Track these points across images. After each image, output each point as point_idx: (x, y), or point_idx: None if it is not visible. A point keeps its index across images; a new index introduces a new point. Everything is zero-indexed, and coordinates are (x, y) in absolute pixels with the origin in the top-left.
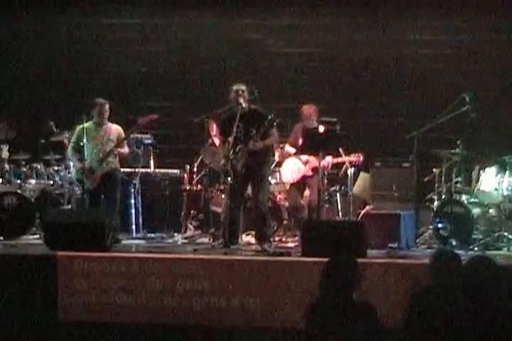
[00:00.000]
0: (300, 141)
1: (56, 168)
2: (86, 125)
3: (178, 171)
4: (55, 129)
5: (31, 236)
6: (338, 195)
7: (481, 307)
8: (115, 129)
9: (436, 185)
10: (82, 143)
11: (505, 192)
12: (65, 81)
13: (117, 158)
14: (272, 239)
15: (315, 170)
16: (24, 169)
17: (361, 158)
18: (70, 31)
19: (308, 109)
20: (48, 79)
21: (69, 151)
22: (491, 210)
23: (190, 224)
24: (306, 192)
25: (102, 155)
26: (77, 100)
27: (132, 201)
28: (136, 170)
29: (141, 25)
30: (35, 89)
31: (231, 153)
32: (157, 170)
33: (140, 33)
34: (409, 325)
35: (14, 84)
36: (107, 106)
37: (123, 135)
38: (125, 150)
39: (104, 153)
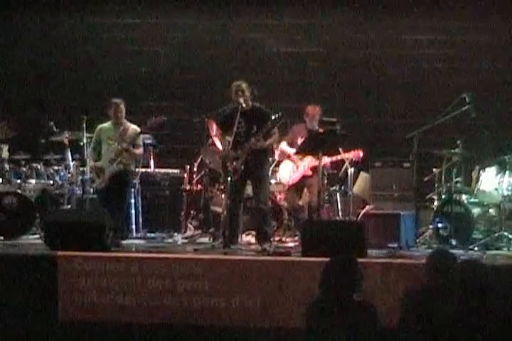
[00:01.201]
0: (299, 141)
1: (56, 167)
2: (104, 125)
3: (178, 171)
4: (55, 129)
5: (31, 236)
6: (338, 194)
7: (471, 310)
8: (132, 129)
9: (436, 185)
10: (100, 143)
11: (505, 192)
12: (65, 81)
13: (131, 158)
14: (272, 239)
15: (314, 170)
16: (24, 169)
17: (361, 154)
18: (70, 31)
19: (314, 110)
20: (48, 79)
21: (89, 151)
22: (491, 210)
23: (190, 224)
24: (306, 193)
25: (114, 155)
26: (77, 100)
27: (132, 201)
28: (136, 170)
29: (141, 25)
30: (35, 89)
31: (231, 150)
32: (157, 170)
33: (140, 33)
34: (404, 325)
35: (14, 84)
36: (122, 106)
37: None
38: (138, 150)
39: (117, 153)
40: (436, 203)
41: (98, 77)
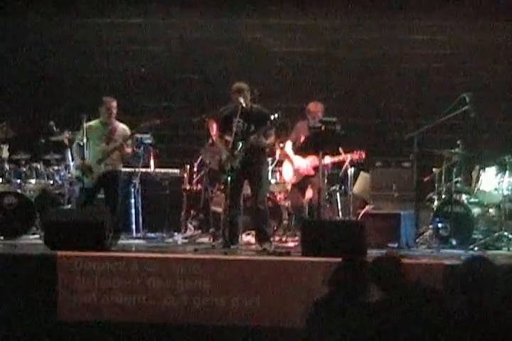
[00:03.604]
0: (302, 139)
1: (56, 167)
2: (93, 123)
3: (178, 171)
4: (55, 129)
5: (31, 236)
6: (338, 194)
7: (479, 307)
8: (121, 129)
9: (436, 185)
10: (87, 141)
11: (505, 192)
12: (65, 81)
13: (120, 158)
14: (272, 239)
15: (316, 169)
16: (24, 169)
17: (363, 155)
18: (70, 31)
19: (315, 107)
20: (48, 79)
21: (73, 148)
22: (491, 210)
23: (190, 224)
24: (309, 192)
25: (102, 155)
26: (77, 100)
27: (132, 201)
28: (136, 170)
29: (141, 25)
30: (35, 89)
31: (230, 149)
32: (157, 170)
33: (140, 33)
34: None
35: (14, 84)
36: (114, 104)
37: (128, 135)
38: (127, 150)
39: (105, 153)
40: (436, 203)
41: (98, 77)
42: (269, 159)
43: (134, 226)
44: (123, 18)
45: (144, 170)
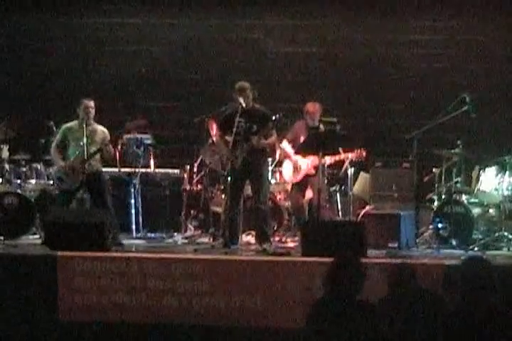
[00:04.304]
0: (301, 139)
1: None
2: (71, 124)
3: (178, 171)
4: (55, 129)
5: (31, 236)
6: (338, 194)
7: (476, 307)
8: (101, 131)
9: (436, 185)
10: (66, 143)
11: (505, 192)
12: (65, 81)
13: (100, 159)
14: (272, 239)
15: (317, 169)
16: (24, 169)
17: (364, 154)
18: (70, 31)
19: (314, 107)
20: (48, 79)
21: (52, 150)
22: (491, 210)
23: (190, 224)
24: (309, 192)
25: (86, 157)
26: (76, 100)
27: (132, 201)
28: (136, 170)
29: (141, 25)
30: (34, 89)
31: (231, 148)
32: (157, 170)
33: (140, 33)
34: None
35: (14, 84)
36: (91, 104)
37: (108, 137)
38: (111, 151)
39: (88, 155)
40: (436, 203)
41: (98, 77)
42: (269, 159)
43: (134, 227)
44: (122, 18)
45: (144, 170)
